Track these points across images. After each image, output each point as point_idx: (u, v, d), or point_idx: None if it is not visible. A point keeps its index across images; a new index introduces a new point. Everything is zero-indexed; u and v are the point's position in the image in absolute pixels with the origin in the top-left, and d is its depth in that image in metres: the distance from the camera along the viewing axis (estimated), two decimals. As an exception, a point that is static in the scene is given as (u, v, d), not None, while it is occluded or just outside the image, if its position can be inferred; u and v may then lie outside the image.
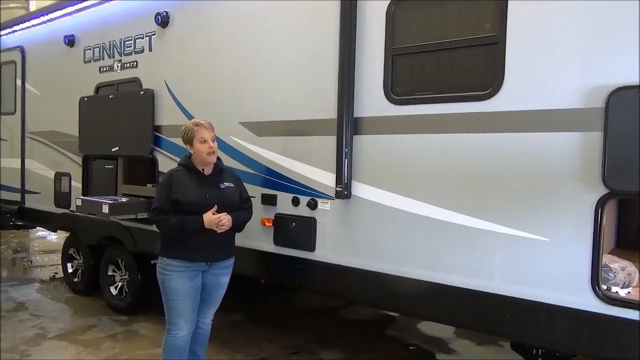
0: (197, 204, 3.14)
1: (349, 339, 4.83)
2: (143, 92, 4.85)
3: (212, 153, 3.23)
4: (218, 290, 3.38)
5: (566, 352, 2.92)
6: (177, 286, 3.18)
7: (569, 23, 2.61)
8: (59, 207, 6.00)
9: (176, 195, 3.15)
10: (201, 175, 3.26)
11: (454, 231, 2.97)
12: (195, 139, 3.21)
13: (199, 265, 3.22)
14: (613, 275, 2.70)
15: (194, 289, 3.22)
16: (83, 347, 4.45)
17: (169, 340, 3.23)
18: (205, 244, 3.17)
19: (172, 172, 3.29)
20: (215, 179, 3.30)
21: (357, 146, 3.38)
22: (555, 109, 2.63)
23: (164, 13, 4.63)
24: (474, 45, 2.92)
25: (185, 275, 3.17)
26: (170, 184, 3.19)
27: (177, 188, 3.17)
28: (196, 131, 3.21)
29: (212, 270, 3.29)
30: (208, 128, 3.25)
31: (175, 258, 3.18)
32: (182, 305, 3.19)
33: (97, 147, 5.39)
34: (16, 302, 5.71)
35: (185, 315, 3.21)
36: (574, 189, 2.58)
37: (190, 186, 3.20)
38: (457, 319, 3.13)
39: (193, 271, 3.20)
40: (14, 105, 6.79)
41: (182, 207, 3.14)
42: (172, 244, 3.20)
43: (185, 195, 3.16)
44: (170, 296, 3.20)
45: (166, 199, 3.16)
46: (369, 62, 3.32)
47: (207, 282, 3.30)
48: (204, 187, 3.22)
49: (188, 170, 3.27)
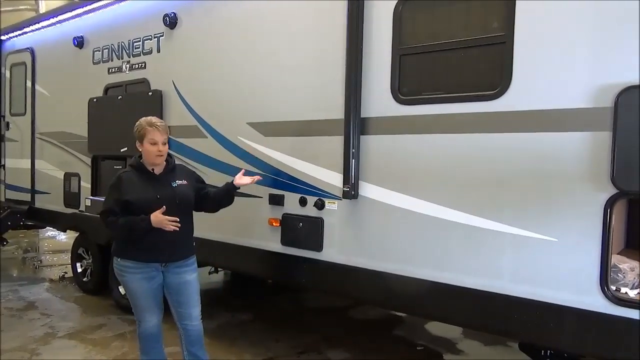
0: (148, 204, 3.09)
1: (357, 339, 4.83)
2: (151, 93, 4.88)
3: (160, 156, 3.17)
4: (187, 288, 3.28)
5: (574, 353, 2.90)
6: (135, 287, 3.19)
7: (577, 22, 2.59)
8: (69, 207, 6.05)
9: (126, 196, 3.11)
10: (152, 175, 3.21)
11: (462, 231, 2.96)
12: (146, 139, 3.15)
13: (153, 265, 3.20)
14: (622, 275, 2.69)
15: (153, 289, 3.22)
16: (92, 346, 4.49)
17: (140, 331, 3.30)
18: (156, 244, 3.13)
19: (121, 174, 3.22)
20: (167, 178, 3.24)
21: (365, 146, 3.38)
22: (564, 109, 2.62)
23: (172, 14, 4.66)
24: (481, 44, 2.91)
25: (141, 277, 3.17)
26: (119, 186, 3.14)
27: (128, 189, 3.13)
28: (148, 131, 3.15)
29: (171, 269, 3.25)
30: (161, 130, 3.18)
31: (129, 259, 3.17)
32: (144, 303, 3.22)
33: (106, 147, 5.44)
34: (26, 302, 5.77)
35: (149, 310, 3.24)
36: (583, 189, 2.56)
37: (141, 187, 3.15)
38: (464, 319, 3.12)
39: (148, 272, 3.19)
40: (24, 106, 6.86)
41: (134, 208, 3.10)
42: (125, 245, 3.19)
43: (136, 196, 3.12)
44: (132, 296, 3.25)
45: (115, 200, 3.13)
46: (376, 62, 3.32)
47: (171, 282, 3.26)
48: (155, 187, 3.18)
49: (138, 170, 3.21)
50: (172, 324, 3.43)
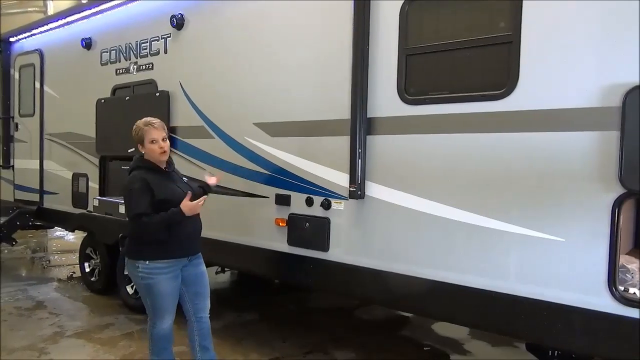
0: (179, 198, 3.14)
1: (363, 339, 4.83)
2: (158, 93, 4.91)
3: (163, 153, 3.20)
4: (203, 279, 3.39)
5: (582, 354, 2.89)
6: (165, 288, 3.18)
7: (584, 21, 2.58)
8: (77, 208, 6.09)
9: (160, 195, 3.11)
10: (165, 173, 3.26)
11: (469, 231, 2.96)
12: (146, 139, 3.18)
13: (181, 261, 3.25)
14: (631, 276, 2.67)
15: (177, 288, 3.27)
16: (100, 345, 4.52)
17: (155, 331, 3.28)
18: (184, 238, 3.19)
19: (140, 176, 3.14)
20: (174, 174, 3.34)
21: (371, 146, 3.38)
22: (571, 108, 2.61)
23: (179, 15, 4.69)
24: (488, 44, 2.90)
25: (170, 277, 3.20)
26: (148, 188, 3.10)
27: (158, 189, 3.11)
28: (146, 131, 3.17)
29: (192, 261, 3.32)
30: (159, 128, 3.20)
31: (162, 259, 3.16)
32: (168, 304, 3.23)
33: (114, 148, 5.47)
34: (35, 301, 5.81)
35: (170, 311, 3.26)
36: (591, 189, 2.55)
37: (165, 184, 3.19)
38: (471, 319, 3.11)
39: (176, 270, 3.23)
40: (32, 107, 6.91)
41: (168, 206, 3.09)
42: (152, 247, 3.15)
43: (170, 193, 3.16)
44: (158, 298, 3.19)
45: (147, 203, 3.07)
46: (382, 62, 3.32)
47: (190, 274, 3.31)
48: (175, 182, 3.26)
49: (151, 170, 3.21)
50: (180, 322, 3.45)
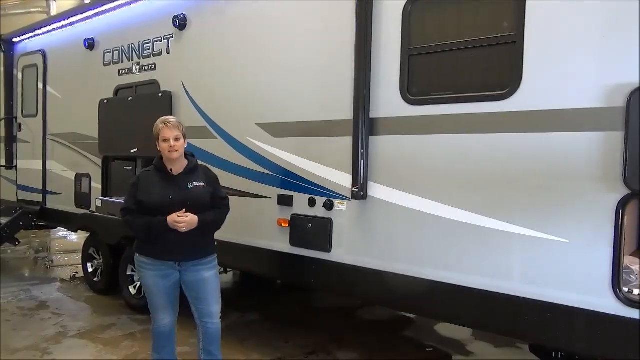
0: (160, 204, 3.12)
1: (365, 340, 4.82)
2: (161, 94, 4.91)
3: (173, 152, 3.17)
4: (205, 285, 3.28)
5: (586, 355, 2.87)
6: (150, 284, 3.25)
7: (588, 21, 2.57)
8: (80, 208, 6.10)
9: (141, 196, 3.17)
10: (169, 176, 3.23)
11: (472, 232, 2.95)
12: (160, 137, 3.19)
13: (168, 264, 3.22)
14: (635, 277, 2.66)
15: (167, 287, 3.25)
16: (102, 345, 4.52)
17: (154, 328, 3.34)
18: (172, 243, 3.15)
19: (142, 173, 3.33)
20: (184, 179, 3.24)
21: (373, 147, 3.37)
22: (575, 109, 2.60)
23: (181, 16, 4.69)
24: (491, 44, 2.89)
25: (157, 274, 3.21)
26: (137, 185, 3.22)
27: (143, 189, 3.19)
28: (160, 129, 3.18)
29: (188, 267, 3.25)
30: (171, 127, 3.18)
31: (146, 256, 3.23)
32: (159, 300, 3.26)
33: (117, 148, 5.48)
34: (38, 301, 5.82)
35: (163, 309, 3.27)
36: (594, 190, 2.54)
37: (156, 187, 3.19)
38: (474, 320, 3.10)
39: (163, 270, 3.21)
40: (35, 107, 6.93)
41: (146, 208, 3.15)
42: (140, 242, 3.27)
43: (149, 196, 3.16)
44: (147, 292, 3.32)
45: (133, 199, 3.21)
46: (385, 63, 3.32)
47: (188, 279, 3.27)
48: (169, 187, 3.19)
49: (157, 170, 3.25)
50: (183, 323, 3.45)
